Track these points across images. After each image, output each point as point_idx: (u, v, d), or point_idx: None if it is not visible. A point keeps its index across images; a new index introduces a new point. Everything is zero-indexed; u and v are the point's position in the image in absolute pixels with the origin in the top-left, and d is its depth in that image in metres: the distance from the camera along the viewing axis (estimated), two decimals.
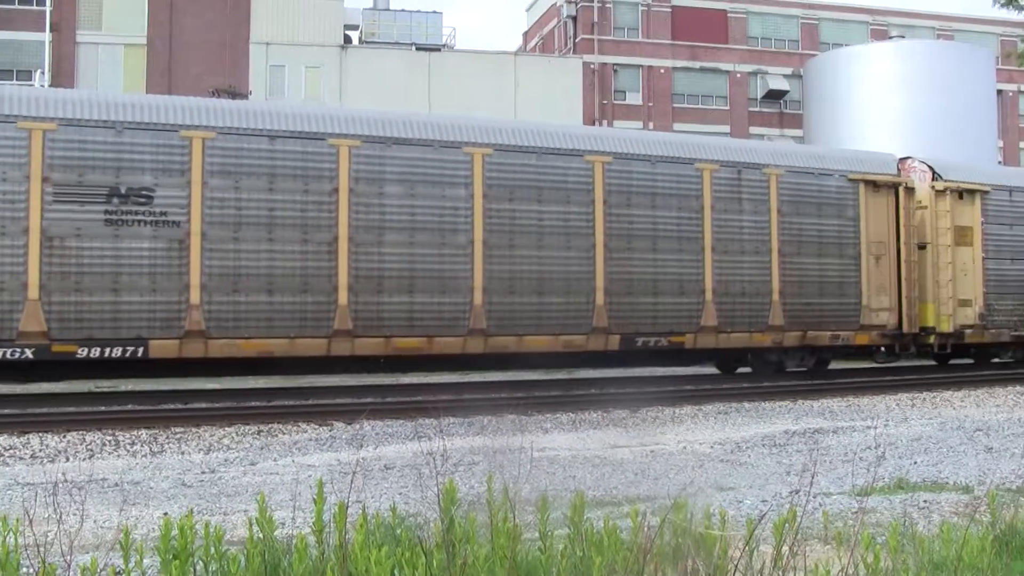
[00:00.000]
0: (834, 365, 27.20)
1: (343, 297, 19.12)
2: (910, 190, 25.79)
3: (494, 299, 20.36)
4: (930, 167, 26.76)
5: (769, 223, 23.58)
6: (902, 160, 26.96)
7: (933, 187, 26.40)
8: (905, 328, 25.31)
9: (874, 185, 25.18)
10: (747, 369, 25.52)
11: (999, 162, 54.67)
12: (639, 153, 22.27)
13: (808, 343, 24.02)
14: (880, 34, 57.86)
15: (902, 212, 25.49)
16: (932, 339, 26.06)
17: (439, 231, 20.06)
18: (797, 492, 9.27)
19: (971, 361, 29.30)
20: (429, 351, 19.98)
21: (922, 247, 26.11)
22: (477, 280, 20.23)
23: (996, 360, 28.66)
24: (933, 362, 29.91)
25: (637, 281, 21.85)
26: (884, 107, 49.48)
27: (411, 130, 20.17)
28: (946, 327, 26.01)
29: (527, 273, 20.74)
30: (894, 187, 25.55)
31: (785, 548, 4.71)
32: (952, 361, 29.47)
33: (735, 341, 23.09)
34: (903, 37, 55.12)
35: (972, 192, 26.85)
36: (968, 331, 26.48)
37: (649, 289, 21.98)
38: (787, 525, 4.75)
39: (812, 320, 23.94)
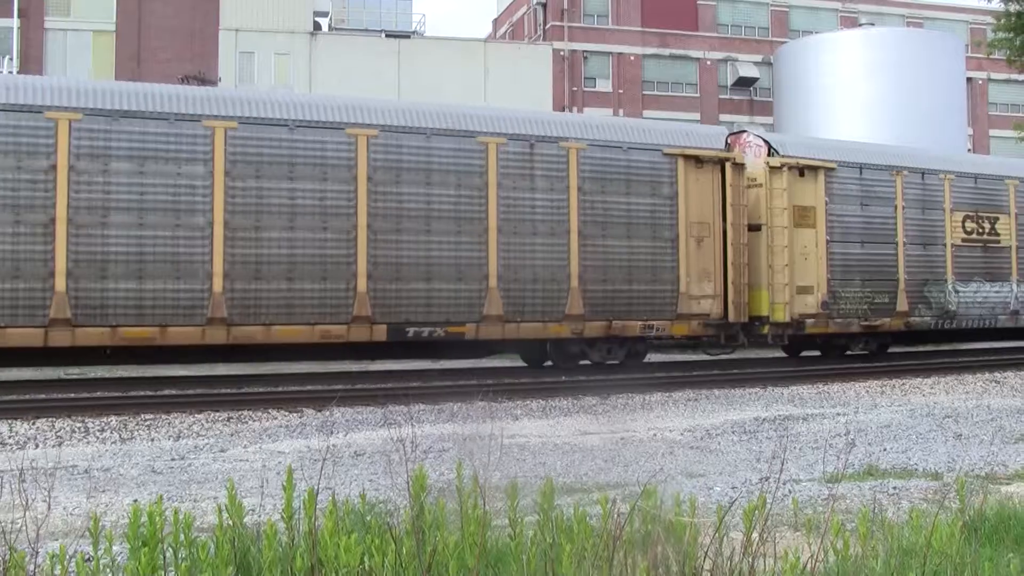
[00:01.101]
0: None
1: (61, 284, 17.74)
2: (739, 166, 23.83)
3: (237, 286, 18.91)
4: (766, 142, 25.03)
5: (568, 202, 21.69)
6: (735, 135, 25.37)
7: (768, 163, 24.53)
8: (731, 317, 23.30)
9: (696, 160, 23.17)
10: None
11: (968, 150, 54.92)
12: (411, 126, 20.53)
13: (615, 334, 22.12)
14: (850, 21, 58.05)
15: (729, 190, 23.53)
16: (766, 329, 24.34)
17: (173, 211, 18.61)
18: (767, 479, 9.30)
19: (818, 353, 27.46)
20: (163, 342, 18.53)
21: (756, 229, 24.29)
22: (217, 265, 18.78)
23: (849, 352, 26.78)
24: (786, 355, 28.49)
25: (407, 266, 20.19)
26: (854, 95, 49.65)
27: (143, 102, 18.71)
28: (781, 316, 24.13)
29: (276, 257, 19.28)
30: (720, 163, 23.56)
31: (755, 535, 4.72)
32: (804, 353, 27.86)
33: (527, 332, 21.26)
34: (872, 25, 55.33)
35: (815, 169, 25.01)
36: (809, 321, 24.66)
37: (421, 275, 20.29)
38: (757, 512, 4.76)
39: (619, 309, 22.02)
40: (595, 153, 22.13)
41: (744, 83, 56.80)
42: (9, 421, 15.01)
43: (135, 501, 8.63)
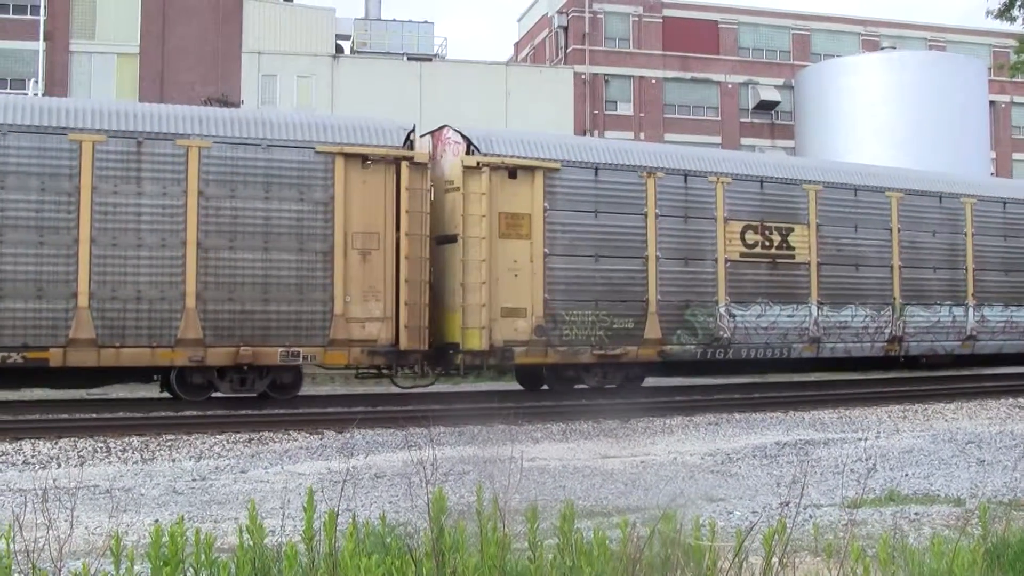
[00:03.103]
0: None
1: None
2: (419, 166, 20.32)
3: None
4: (465, 138, 21.06)
5: (184, 209, 18.62)
6: (437, 131, 21.96)
7: (463, 163, 20.74)
8: (403, 344, 19.78)
9: (363, 160, 19.82)
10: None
11: (992, 174, 54.67)
12: None
13: (245, 361, 18.90)
14: (872, 45, 57.98)
15: (404, 194, 19.99)
16: (460, 358, 20.51)
17: None
18: (787, 504, 9.28)
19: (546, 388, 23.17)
20: None
21: (453, 240, 20.73)
22: None
23: (582, 386, 22.35)
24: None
25: None
26: (876, 118, 49.53)
27: None
28: (476, 343, 20.27)
29: None
30: (396, 162, 20.08)
31: (774, 560, 4.72)
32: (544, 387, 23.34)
33: (130, 359, 18.28)
34: (895, 48, 55.26)
35: (531, 169, 21.05)
36: (519, 349, 20.72)
37: None
38: (777, 536, 4.76)
39: (253, 333, 18.91)
40: (224, 152, 19.00)
41: (765, 107, 56.74)
42: (32, 440, 15.09)
43: (156, 521, 8.65)
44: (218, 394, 19.52)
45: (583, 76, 53.70)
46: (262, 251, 19.08)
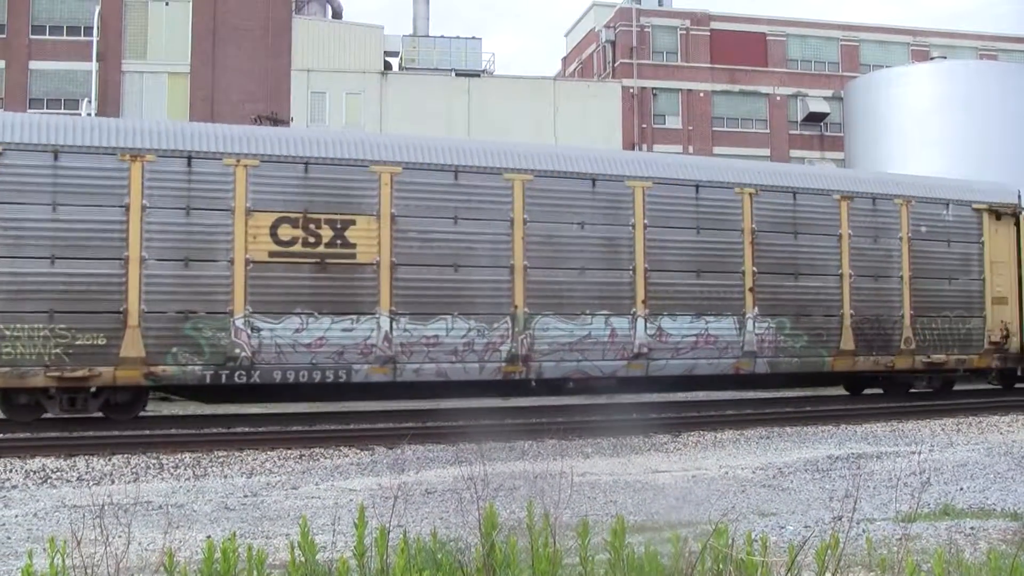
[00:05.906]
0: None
1: None
2: None
3: None
4: None
5: None
6: None
7: None
8: None
9: None
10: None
11: None
12: None
13: None
14: (921, 55, 57.53)
15: None
16: None
17: None
18: (840, 518, 9.22)
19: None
20: None
21: None
22: None
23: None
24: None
25: None
26: (926, 129, 49.04)
27: None
28: None
29: None
30: None
31: (828, 574, 4.69)
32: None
33: None
34: (945, 58, 54.72)
35: None
36: None
37: None
38: (830, 551, 4.73)
39: None
40: None
41: (814, 118, 56.49)
42: (87, 457, 15.24)
43: (209, 537, 8.71)
44: None
45: (631, 90, 53.72)
46: None
